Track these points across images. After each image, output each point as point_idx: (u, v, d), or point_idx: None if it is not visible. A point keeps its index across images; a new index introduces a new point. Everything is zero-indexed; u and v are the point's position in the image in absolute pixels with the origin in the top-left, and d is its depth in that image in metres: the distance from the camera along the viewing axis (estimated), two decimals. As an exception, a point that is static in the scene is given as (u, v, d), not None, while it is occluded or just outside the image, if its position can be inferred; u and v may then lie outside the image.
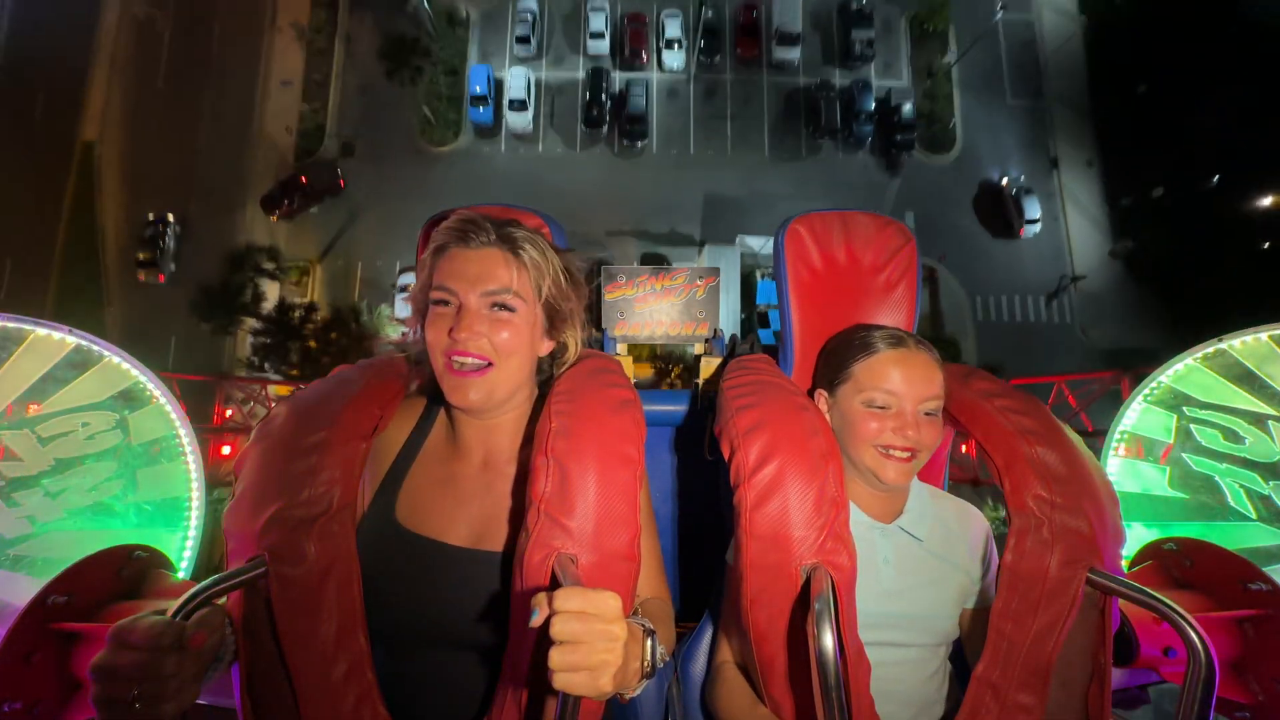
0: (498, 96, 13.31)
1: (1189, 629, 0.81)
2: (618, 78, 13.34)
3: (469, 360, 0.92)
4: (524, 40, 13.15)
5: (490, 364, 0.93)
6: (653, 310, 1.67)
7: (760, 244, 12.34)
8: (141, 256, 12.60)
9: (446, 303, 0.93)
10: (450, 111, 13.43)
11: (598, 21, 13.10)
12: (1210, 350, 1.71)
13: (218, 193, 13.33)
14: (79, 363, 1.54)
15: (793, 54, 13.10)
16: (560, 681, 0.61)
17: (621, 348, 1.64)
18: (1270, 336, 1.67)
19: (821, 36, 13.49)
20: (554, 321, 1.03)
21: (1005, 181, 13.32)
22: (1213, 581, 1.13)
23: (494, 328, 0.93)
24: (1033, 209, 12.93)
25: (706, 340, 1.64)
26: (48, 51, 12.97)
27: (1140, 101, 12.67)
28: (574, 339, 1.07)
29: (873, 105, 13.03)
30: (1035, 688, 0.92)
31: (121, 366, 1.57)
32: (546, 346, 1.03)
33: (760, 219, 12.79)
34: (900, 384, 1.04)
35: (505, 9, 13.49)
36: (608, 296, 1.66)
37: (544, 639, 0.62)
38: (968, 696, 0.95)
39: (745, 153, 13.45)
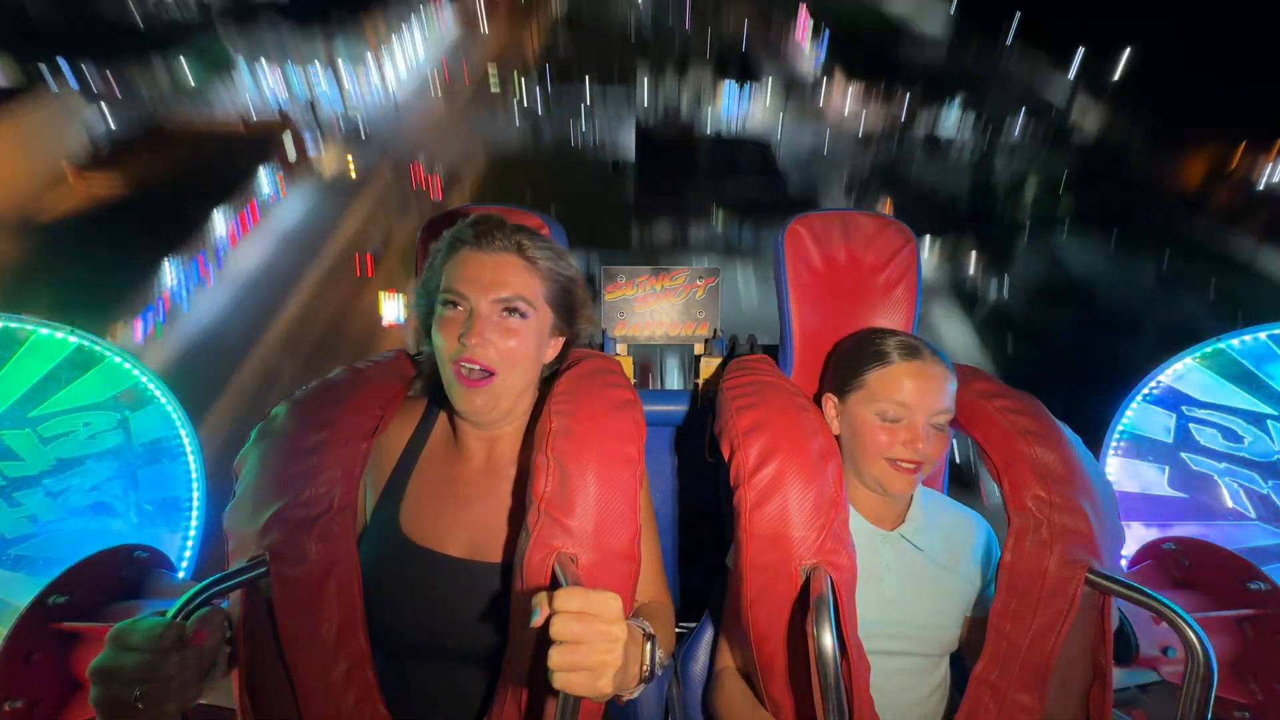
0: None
1: (1188, 628, 0.81)
2: None
3: (477, 368, 0.91)
4: None
5: (494, 373, 0.92)
6: (653, 310, 1.66)
7: None
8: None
9: (457, 305, 0.93)
10: None
11: None
12: (1210, 350, 1.71)
13: None
14: (80, 363, 1.54)
15: None
16: (560, 681, 0.61)
17: (621, 348, 1.64)
18: (1270, 336, 1.67)
19: None
20: (564, 322, 1.03)
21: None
22: (1212, 581, 1.13)
23: (503, 335, 0.92)
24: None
25: (706, 340, 1.64)
26: None
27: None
28: (584, 333, 1.08)
29: None
30: (1034, 687, 0.92)
31: (123, 366, 1.57)
32: (551, 352, 1.03)
33: None
34: (913, 396, 1.02)
35: None
36: (608, 297, 1.66)
37: (544, 639, 0.62)
38: (966, 696, 0.95)
39: None
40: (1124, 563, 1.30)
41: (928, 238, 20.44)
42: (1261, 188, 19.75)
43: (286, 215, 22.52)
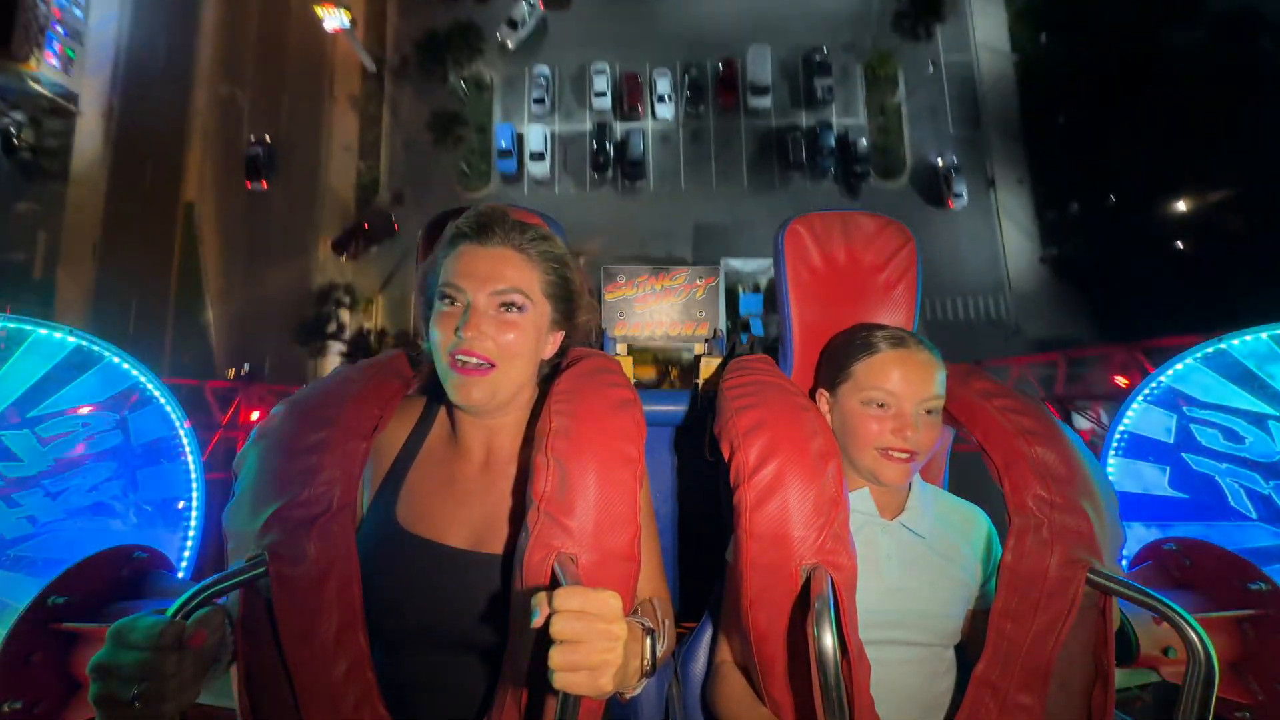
0: (519, 149, 16.21)
1: (1189, 629, 0.81)
2: (619, 128, 16.23)
3: (473, 360, 0.91)
4: (539, 101, 16.20)
5: (494, 365, 0.92)
6: (653, 310, 1.67)
7: (741, 264, 14.23)
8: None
9: (454, 300, 0.93)
10: (481, 163, 16.35)
11: (600, 83, 16.04)
12: (1210, 350, 1.71)
13: (295, 239, 16.18)
14: (79, 363, 1.54)
15: (765, 101, 15.90)
16: (560, 681, 0.61)
17: (621, 348, 1.64)
18: (1270, 336, 1.67)
19: (789, 85, 16.18)
20: (562, 317, 1.03)
21: (940, 162, 15.73)
22: (1212, 581, 1.12)
23: (501, 328, 0.93)
24: (960, 186, 15.59)
25: (706, 340, 1.64)
26: (152, 128, 15.81)
27: (1063, 129, 15.25)
28: (583, 330, 1.08)
29: (834, 142, 15.76)
30: (1035, 688, 0.92)
31: (122, 366, 1.57)
32: (551, 347, 1.03)
33: (743, 241, 15.09)
34: (900, 383, 1.04)
35: (523, 74, 16.37)
36: (608, 297, 1.66)
37: (544, 638, 0.61)
38: (967, 697, 0.95)
39: (728, 187, 16.02)
40: (1124, 563, 1.30)
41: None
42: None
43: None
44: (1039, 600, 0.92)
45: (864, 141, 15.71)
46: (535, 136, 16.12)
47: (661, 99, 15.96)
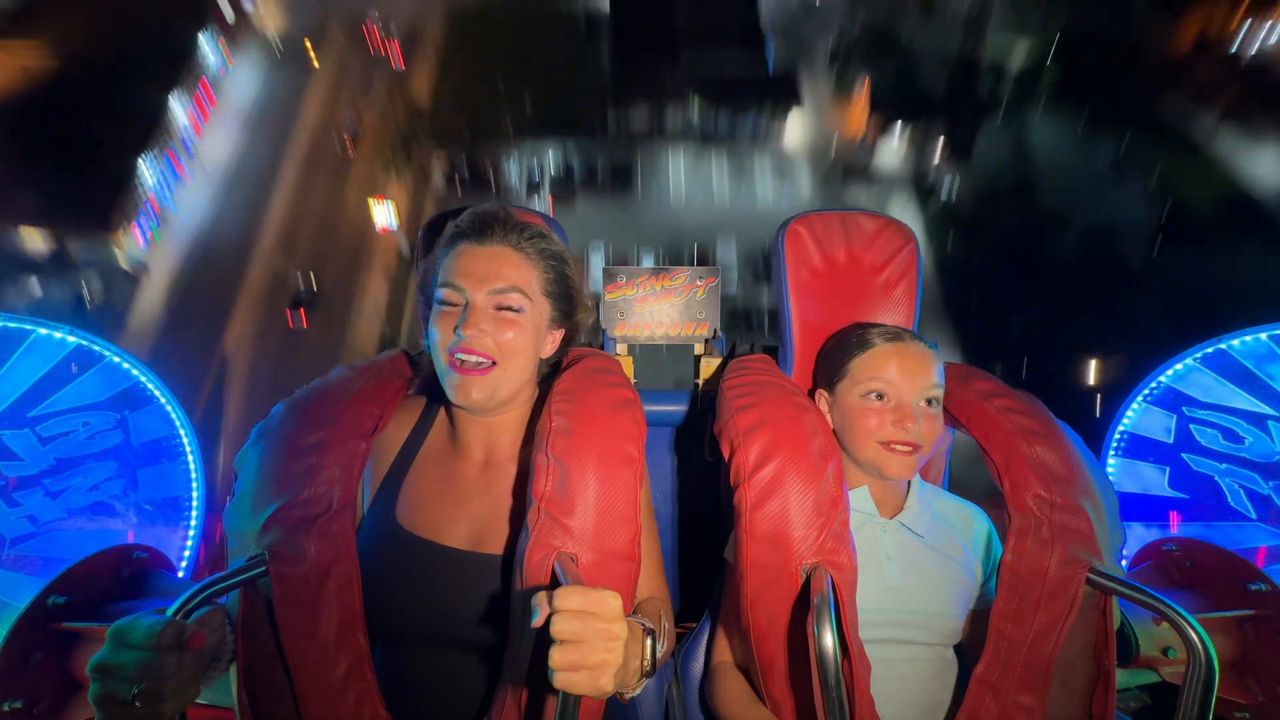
0: None
1: (1189, 629, 0.81)
2: None
3: (473, 358, 0.91)
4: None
5: (494, 363, 0.92)
6: (653, 310, 1.66)
7: None
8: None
9: (453, 299, 0.93)
10: None
11: (597, 262, 18.37)
12: (1210, 350, 1.71)
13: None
14: (79, 363, 1.54)
15: (730, 286, 19.94)
16: (560, 681, 0.61)
17: (621, 348, 1.64)
18: (1270, 337, 1.67)
19: (751, 271, 19.10)
20: (562, 315, 1.03)
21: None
22: (1213, 581, 1.12)
23: (500, 327, 0.92)
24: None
25: (706, 340, 1.64)
26: (206, 294, 17.93)
27: (977, 308, 18.61)
28: (582, 328, 1.08)
29: None
30: (1035, 688, 0.92)
31: (122, 366, 1.57)
32: (551, 346, 1.03)
33: None
34: (897, 374, 1.04)
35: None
36: (608, 297, 1.66)
37: (544, 638, 0.61)
38: (968, 697, 0.95)
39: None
40: (1124, 564, 1.30)
41: (898, 124, 20.58)
42: (1251, 53, 18.65)
43: (243, 92, 21.54)
44: (1039, 600, 0.92)
45: None
46: None
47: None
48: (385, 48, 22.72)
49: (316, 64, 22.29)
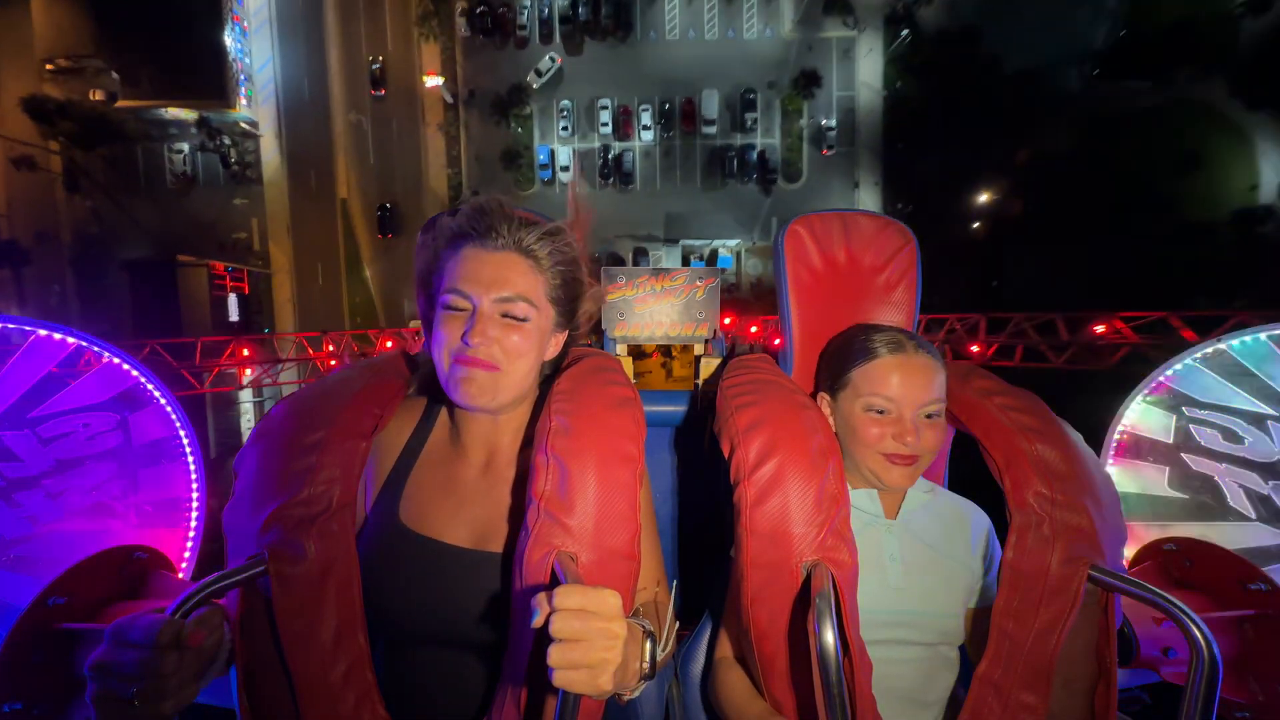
0: (552, 162, 23.48)
1: (1192, 626, 0.80)
2: (616, 147, 23.38)
3: (478, 368, 0.91)
4: (565, 128, 23.47)
5: (498, 368, 0.92)
6: (653, 311, 1.66)
7: (694, 242, 23.03)
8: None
9: (459, 304, 0.92)
10: (529, 171, 23.69)
11: (604, 115, 23.15)
12: (1210, 350, 1.71)
13: (409, 222, 23.26)
14: (79, 363, 1.54)
15: (712, 130, 23.26)
16: (560, 679, 0.61)
17: (621, 348, 1.64)
18: (1270, 337, 1.67)
19: (730, 116, 23.16)
20: (565, 319, 1.03)
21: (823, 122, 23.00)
22: (1213, 581, 1.12)
23: (505, 332, 0.92)
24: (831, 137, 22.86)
25: (706, 340, 1.64)
26: (311, 146, 23.07)
27: (904, 149, 22.43)
28: (586, 326, 1.08)
29: (756, 157, 23.17)
30: (1038, 687, 0.92)
31: (122, 367, 1.57)
32: (554, 349, 1.03)
33: (696, 225, 23.26)
34: (899, 390, 1.04)
35: (552, 106, 23.53)
36: (608, 297, 1.66)
37: (544, 638, 0.61)
38: (970, 696, 0.95)
39: (687, 187, 23.56)
40: (1125, 563, 1.30)
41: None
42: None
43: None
44: (1041, 598, 0.92)
45: (776, 157, 23.23)
46: (562, 153, 23.42)
47: (645, 126, 23.12)
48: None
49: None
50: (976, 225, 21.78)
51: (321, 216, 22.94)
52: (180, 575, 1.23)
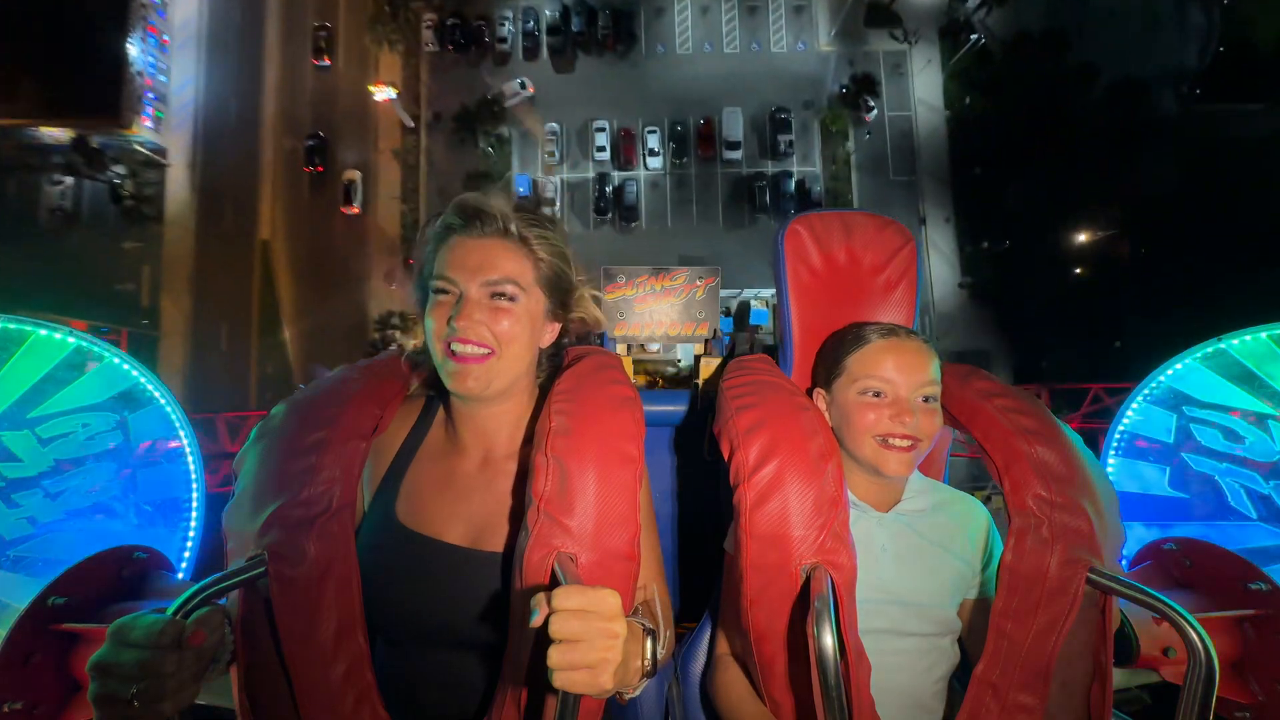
0: (535, 195, 19.13)
1: (1189, 628, 0.80)
2: (617, 176, 19.15)
3: (469, 348, 0.91)
4: (551, 154, 19.27)
5: (491, 352, 0.92)
6: (652, 310, 1.67)
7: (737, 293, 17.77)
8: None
9: (447, 292, 0.93)
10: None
11: (601, 139, 19.01)
12: (1210, 350, 1.71)
13: (351, 269, 19.21)
14: (79, 364, 1.54)
15: (737, 154, 19.11)
16: (560, 680, 0.61)
17: (621, 348, 1.64)
18: (1270, 336, 1.67)
19: (758, 139, 19.24)
20: (558, 306, 1.02)
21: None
22: (1213, 581, 1.12)
23: (495, 316, 0.92)
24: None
25: (706, 340, 1.64)
26: (229, 176, 19.05)
27: (981, 177, 18.83)
28: (585, 315, 1.08)
29: (793, 188, 18.91)
30: (1036, 688, 0.92)
31: (122, 368, 1.57)
32: (549, 337, 1.03)
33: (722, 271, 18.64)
34: (894, 371, 1.05)
35: (535, 130, 19.79)
36: (608, 297, 1.66)
37: (544, 638, 0.61)
38: (968, 697, 0.95)
39: (706, 225, 19.12)
40: (1124, 563, 1.30)
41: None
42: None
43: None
44: (1039, 600, 0.92)
45: (819, 187, 19.08)
46: (549, 185, 19.25)
47: (652, 152, 19.00)
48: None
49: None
50: (1079, 270, 18.29)
51: (235, 263, 18.67)
52: (180, 575, 1.23)
